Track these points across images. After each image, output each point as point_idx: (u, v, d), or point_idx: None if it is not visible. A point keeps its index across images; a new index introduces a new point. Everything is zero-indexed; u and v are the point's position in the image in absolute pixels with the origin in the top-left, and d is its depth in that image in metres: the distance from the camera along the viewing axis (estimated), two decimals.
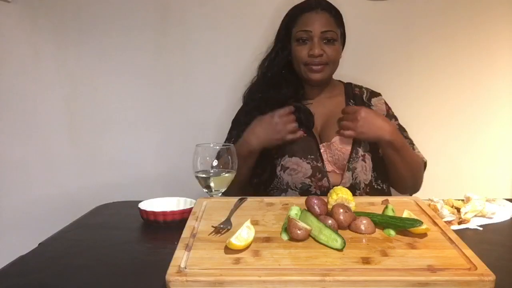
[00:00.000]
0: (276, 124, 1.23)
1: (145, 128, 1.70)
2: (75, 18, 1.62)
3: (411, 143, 1.35)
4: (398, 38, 1.66)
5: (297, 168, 1.27)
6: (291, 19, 1.34)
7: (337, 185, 1.25)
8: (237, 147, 1.19)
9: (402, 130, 1.36)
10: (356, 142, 1.29)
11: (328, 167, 1.29)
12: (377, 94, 1.42)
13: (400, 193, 1.39)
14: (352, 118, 1.23)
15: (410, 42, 1.66)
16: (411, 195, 1.34)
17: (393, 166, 1.29)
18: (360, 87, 1.42)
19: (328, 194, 0.93)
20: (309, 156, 1.28)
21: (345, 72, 1.49)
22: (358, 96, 1.39)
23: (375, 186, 1.31)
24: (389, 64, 1.67)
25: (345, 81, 1.45)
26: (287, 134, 1.23)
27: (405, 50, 1.66)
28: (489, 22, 1.64)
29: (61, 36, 1.63)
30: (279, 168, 1.29)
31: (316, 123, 1.35)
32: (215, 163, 1.09)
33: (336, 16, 1.33)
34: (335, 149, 1.29)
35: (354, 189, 1.26)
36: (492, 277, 0.67)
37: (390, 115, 1.38)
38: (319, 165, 1.27)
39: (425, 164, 1.36)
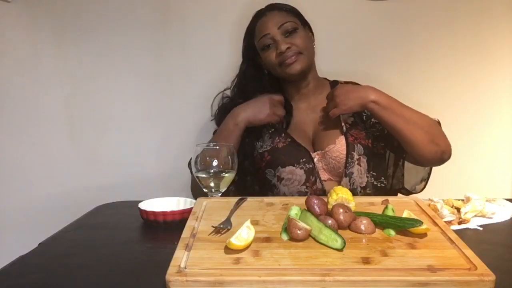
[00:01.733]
0: (264, 104, 1.28)
1: (145, 128, 1.70)
2: (75, 18, 1.62)
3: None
4: (398, 38, 1.66)
5: (291, 177, 1.26)
6: (250, 33, 1.35)
7: None
8: (224, 120, 1.29)
9: None
10: (350, 147, 1.26)
11: (324, 175, 1.28)
12: None
13: (429, 163, 1.27)
14: (331, 99, 1.24)
15: (410, 42, 1.66)
16: (443, 160, 1.23)
17: (399, 130, 1.19)
18: (347, 84, 1.39)
19: (328, 194, 0.93)
20: (301, 160, 1.26)
21: (345, 71, 1.49)
22: None
23: (378, 185, 1.30)
24: (389, 64, 1.67)
25: (344, 80, 1.43)
26: (273, 115, 1.28)
27: (405, 50, 1.66)
28: (489, 22, 1.64)
29: (61, 36, 1.63)
30: (275, 179, 1.28)
31: (307, 131, 1.34)
32: (215, 162, 1.09)
33: (290, 10, 1.32)
34: (329, 158, 1.27)
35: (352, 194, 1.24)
36: (492, 277, 0.67)
37: None
38: (310, 166, 1.26)
39: (438, 122, 1.28)
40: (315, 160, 1.27)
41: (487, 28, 1.64)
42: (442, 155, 1.22)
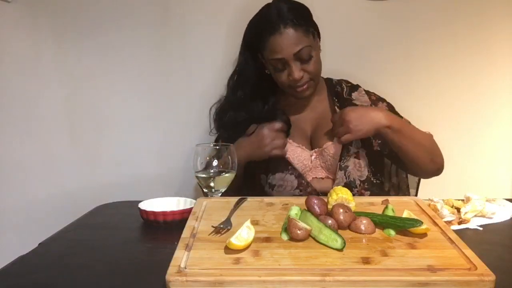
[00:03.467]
0: (263, 138, 1.23)
1: (145, 128, 1.70)
2: (75, 18, 1.62)
3: (408, 122, 1.31)
4: (398, 38, 1.65)
5: (283, 183, 1.26)
6: (258, 40, 1.25)
7: (330, 188, 1.25)
8: None
9: (392, 109, 1.34)
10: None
11: (322, 173, 1.28)
12: (356, 87, 1.38)
13: (424, 177, 1.36)
14: (342, 122, 1.21)
15: (410, 42, 1.65)
16: (437, 175, 1.31)
17: (407, 152, 1.22)
18: (340, 83, 1.39)
19: (328, 194, 0.93)
20: (289, 167, 1.26)
21: (345, 72, 1.49)
22: (340, 94, 1.36)
23: (374, 181, 1.30)
24: (389, 65, 1.67)
25: (336, 79, 1.43)
26: (273, 149, 1.23)
27: (405, 50, 1.66)
28: (489, 22, 1.64)
29: (61, 35, 1.62)
30: (267, 186, 1.28)
31: (306, 129, 1.35)
32: (215, 163, 1.09)
33: (301, 23, 1.21)
34: (327, 155, 1.28)
35: (350, 187, 1.24)
36: (492, 277, 0.67)
37: (376, 100, 1.35)
38: (299, 170, 1.26)
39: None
40: (312, 157, 1.28)
41: (487, 28, 1.64)
42: (437, 172, 1.30)
